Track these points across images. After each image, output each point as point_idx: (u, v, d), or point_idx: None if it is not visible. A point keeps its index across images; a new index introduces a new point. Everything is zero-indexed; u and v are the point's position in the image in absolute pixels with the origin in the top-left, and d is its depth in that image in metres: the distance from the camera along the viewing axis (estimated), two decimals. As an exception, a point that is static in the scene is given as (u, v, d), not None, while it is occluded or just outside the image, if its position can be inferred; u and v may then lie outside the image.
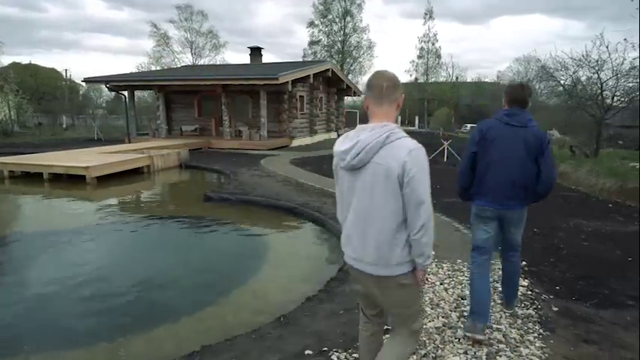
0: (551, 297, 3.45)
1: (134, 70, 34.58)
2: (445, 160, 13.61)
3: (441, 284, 3.68)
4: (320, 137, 21.11)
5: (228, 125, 17.31)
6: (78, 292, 4.08)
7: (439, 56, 44.07)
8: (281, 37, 76.69)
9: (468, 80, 45.94)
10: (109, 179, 9.76)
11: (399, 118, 40.05)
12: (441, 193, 6.90)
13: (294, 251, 5.49)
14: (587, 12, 73.27)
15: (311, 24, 41.36)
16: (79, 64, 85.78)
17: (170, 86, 18.02)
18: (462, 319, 3.06)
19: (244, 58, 49.11)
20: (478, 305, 2.83)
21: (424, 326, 2.96)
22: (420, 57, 43.87)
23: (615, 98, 14.34)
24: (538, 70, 21.94)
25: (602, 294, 3.52)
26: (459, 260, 4.23)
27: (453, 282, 3.73)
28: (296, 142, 18.12)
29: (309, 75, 17.29)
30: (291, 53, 75.59)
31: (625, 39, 12.58)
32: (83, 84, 23.10)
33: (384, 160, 1.70)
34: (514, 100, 2.81)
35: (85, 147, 14.39)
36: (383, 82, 1.78)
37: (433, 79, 44.43)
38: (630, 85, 13.87)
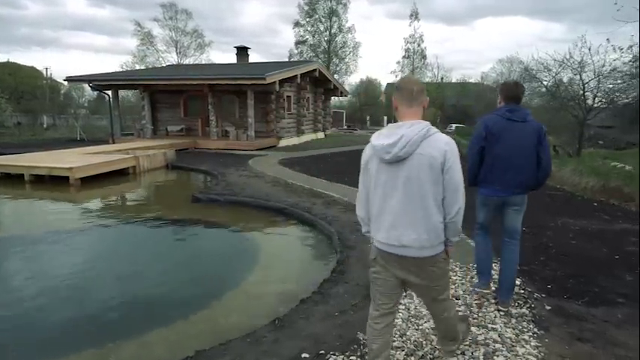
0: (544, 295, 3.48)
1: (118, 69, 34.05)
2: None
3: (435, 284, 3.68)
4: (307, 137, 21.07)
5: (215, 125, 17.12)
6: (64, 296, 3.97)
7: (424, 57, 44.42)
8: (266, 36, 76.47)
9: (453, 81, 46.45)
10: (93, 180, 9.53)
11: (385, 118, 40.30)
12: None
13: (285, 252, 5.44)
14: (567, 14, 75.08)
15: (297, 24, 41.28)
16: (58, 63, 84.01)
17: (155, 86, 17.71)
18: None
19: (230, 58, 48.67)
20: (482, 262, 3.37)
21: (420, 327, 2.99)
22: (405, 57, 44.15)
23: (596, 99, 14.71)
24: (521, 71, 22.33)
25: (592, 292, 3.57)
26: (450, 260, 4.23)
27: (446, 282, 3.73)
28: (283, 143, 18.05)
29: (296, 75, 17.22)
30: (277, 53, 75.61)
31: (607, 39, 12.89)
32: (65, 83, 22.53)
33: (427, 151, 1.93)
34: (510, 96, 3.07)
35: (68, 147, 14.02)
36: (413, 87, 2.05)
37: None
38: (610, 86, 14.24)
